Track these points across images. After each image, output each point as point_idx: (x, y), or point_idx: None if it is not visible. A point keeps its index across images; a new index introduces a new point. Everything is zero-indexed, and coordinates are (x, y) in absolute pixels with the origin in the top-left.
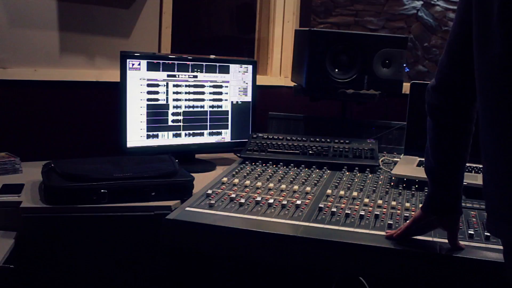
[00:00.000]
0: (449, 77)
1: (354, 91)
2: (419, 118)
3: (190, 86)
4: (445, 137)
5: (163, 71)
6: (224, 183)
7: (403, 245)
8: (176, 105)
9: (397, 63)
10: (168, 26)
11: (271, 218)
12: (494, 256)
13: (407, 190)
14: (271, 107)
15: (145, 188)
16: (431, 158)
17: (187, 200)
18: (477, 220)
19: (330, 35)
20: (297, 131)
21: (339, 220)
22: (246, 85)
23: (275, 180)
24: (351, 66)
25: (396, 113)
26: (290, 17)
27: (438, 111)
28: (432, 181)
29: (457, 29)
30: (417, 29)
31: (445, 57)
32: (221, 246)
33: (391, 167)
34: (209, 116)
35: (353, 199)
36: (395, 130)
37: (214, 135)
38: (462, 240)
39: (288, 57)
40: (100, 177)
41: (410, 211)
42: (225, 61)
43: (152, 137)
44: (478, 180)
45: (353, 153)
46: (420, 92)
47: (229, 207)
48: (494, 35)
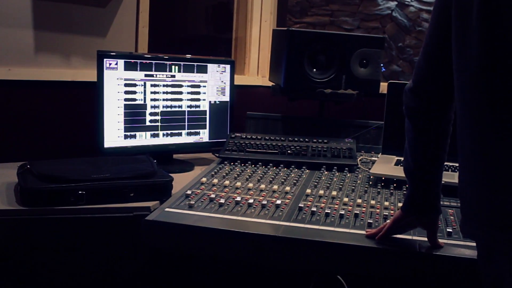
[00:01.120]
0: (426, 79)
1: (332, 90)
2: (397, 117)
3: (168, 85)
4: (423, 138)
5: (141, 71)
6: (203, 183)
7: (383, 244)
8: (153, 105)
9: (374, 63)
10: (145, 25)
11: (252, 218)
12: (472, 254)
13: (385, 189)
14: (249, 106)
15: (123, 189)
16: (409, 159)
17: (166, 201)
18: (454, 218)
19: (308, 35)
20: (275, 131)
21: (319, 219)
22: (224, 84)
23: (254, 180)
24: (329, 66)
25: (374, 113)
26: (268, 17)
27: (416, 113)
28: (411, 181)
29: (433, 30)
30: (392, 29)
31: (422, 58)
32: (201, 247)
33: (369, 166)
34: (187, 116)
35: (333, 198)
36: (373, 129)
37: (192, 135)
38: (440, 238)
39: (265, 56)
40: (77, 178)
41: (389, 210)
42: (203, 61)
43: (130, 137)
44: (455, 178)
45: (331, 152)
46: (397, 91)
47: (209, 207)
48: (473, 36)
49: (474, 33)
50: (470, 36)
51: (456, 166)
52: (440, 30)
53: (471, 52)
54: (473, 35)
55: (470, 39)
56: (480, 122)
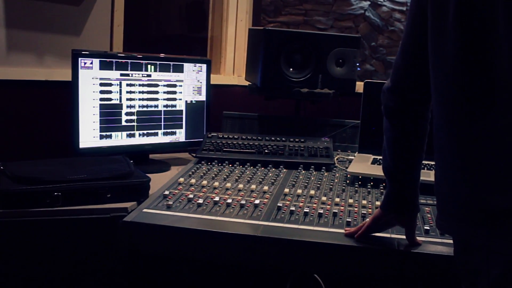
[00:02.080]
0: (404, 78)
1: (308, 90)
2: (373, 116)
3: (144, 85)
4: (401, 137)
5: (116, 70)
6: (181, 183)
7: (362, 242)
8: (129, 104)
9: (350, 62)
10: (120, 24)
11: (230, 218)
12: (449, 250)
13: (363, 187)
14: (225, 106)
15: (100, 190)
16: (388, 158)
17: (144, 202)
18: (431, 216)
19: (284, 34)
20: (251, 130)
21: (298, 218)
22: (200, 84)
23: (232, 180)
24: (306, 65)
25: (350, 112)
26: (243, 16)
27: (394, 112)
28: (390, 180)
29: (410, 30)
30: (365, 29)
31: (399, 58)
32: (180, 248)
33: (346, 165)
34: (163, 115)
35: (311, 197)
36: (349, 128)
37: (169, 135)
38: (418, 235)
39: (241, 56)
40: (53, 180)
41: (367, 208)
42: (179, 60)
43: (106, 138)
44: (431, 176)
45: (308, 151)
46: (373, 91)
47: (187, 207)
48: (449, 35)
49: (450, 32)
50: (447, 35)
51: (432, 164)
52: (416, 30)
53: (448, 51)
54: (449, 34)
55: (446, 38)
56: (457, 120)
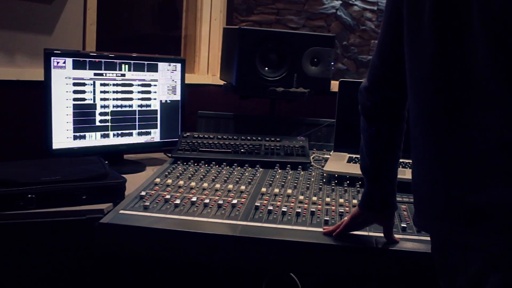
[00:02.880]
0: (381, 78)
1: (284, 89)
2: (348, 115)
3: (118, 85)
4: (379, 136)
5: (90, 70)
6: (157, 184)
7: (341, 240)
8: (103, 104)
9: (325, 62)
10: (93, 22)
11: (208, 219)
12: (426, 247)
13: (339, 186)
14: (200, 105)
15: (75, 192)
16: (366, 157)
17: (120, 203)
18: (408, 213)
19: (259, 33)
20: (226, 130)
21: (276, 218)
22: (175, 83)
23: (209, 180)
24: (281, 64)
25: (324, 111)
26: (217, 15)
27: (371, 111)
28: (368, 179)
29: (386, 29)
30: (336, 28)
31: (376, 58)
32: (158, 249)
33: (322, 164)
34: (138, 115)
35: (288, 196)
36: (324, 127)
37: (143, 135)
38: (395, 233)
39: (215, 55)
40: (26, 182)
41: (344, 207)
42: (153, 60)
43: (79, 138)
44: (406, 174)
45: (284, 150)
46: (348, 89)
47: (165, 208)
48: (425, 34)
49: (426, 31)
50: (423, 34)
51: (407, 162)
52: (392, 29)
53: (424, 50)
54: (425, 33)
55: (422, 38)
56: (433, 119)
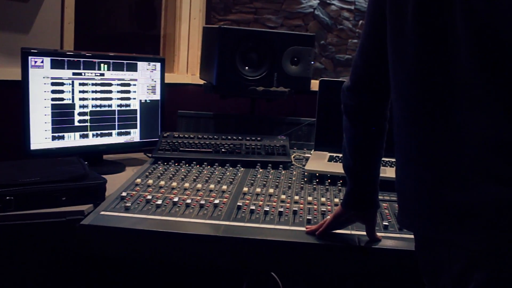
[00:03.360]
0: (363, 78)
1: (264, 88)
2: (328, 114)
3: (97, 84)
4: (361, 136)
5: (68, 69)
6: (138, 184)
7: (324, 239)
8: (82, 104)
9: (305, 61)
10: (71, 21)
11: (191, 219)
12: (408, 245)
13: (320, 185)
14: (179, 105)
15: (55, 193)
16: (348, 156)
17: (101, 204)
18: (389, 212)
19: (239, 32)
20: (207, 129)
21: (259, 217)
22: (155, 83)
23: (190, 180)
24: (261, 63)
25: (304, 110)
26: (197, 14)
27: (354, 111)
28: (350, 178)
29: (369, 29)
30: (314, 27)
31: (358, 57)
32: (140, 250)
33: (303, 163)
34: (117, 115)
35: (270, 196)
36: (304, 126)
37: (123, 135)
38: (378, 231)
39: (194, 54)
40: (4, 183)
41: (326, 206)
42: (132, 59)
43: (58, 139)
44: (387, 173)
45: (265, 150)
46: (328, 89)
47: (146, 209)
48: (408, 35)
49: (409, 32)
50: (406, 35)
51: (387, 161)
52: (375, 30)
53: (407, 51)
54: (408, 34)
55: (405, 38)
56: (417, 118)
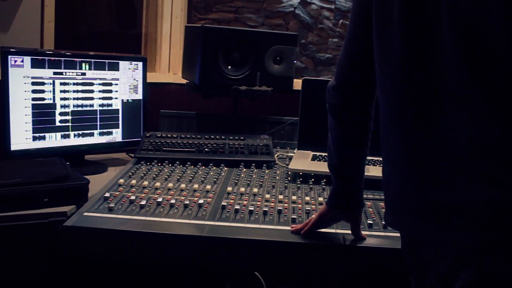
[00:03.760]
0: (348, 77)
1: (247, 87)
2: (311, 113)
3: (78, 84)
4: (346, 135)
5: (49, 69)
6: (121, 184)
7: (309, 238)
8: (63, 104)
9: (288, 60)
10: (51, 20)
11: (175, 219)
12: (393, 243)
13: (304, 184)
14: (162, 104)
15: (37, 194)
16: (334, 156)
17: (83, 205)
18: (373, 210)
19: (222, 31)
20: (190, 129)
21: (244, 217)
22: (137, 82)
23: (174, 180)
24: (244, 62)
25: (287, 109)
26: (179, 13)
27: (339, 110)
28: (335, 177)
29: (354, 29)
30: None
31: (343, 57)
32: (124, 251)
33: (287, 162)
34: (99, 115)
35: (254, 195)
36: (287, 125)
37: (105, 135)
38: (362, 229)
39: (176, 53)
40: None
41: (310, 205)
42: (114, 58)
43: (39, 139)
44: (370, 171)
45: (248, 149)
46: (311, 88)
47: (130, 209)
48: (394, 34)
49: (395, 31)
50: (392, 34)
51: (370, 159)
52: (360, 29)
53: (393, 50)
54: (394, 33)
55: (391, 38)
56: (403, 117)
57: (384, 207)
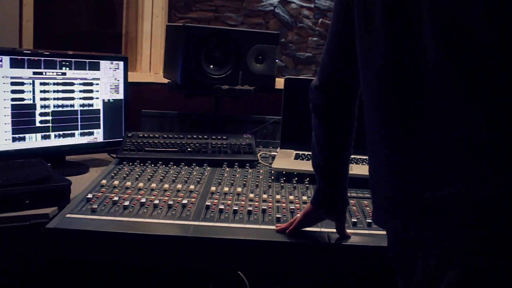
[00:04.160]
0: (331, 77)
1: (229, 87)
2: (294, 112)
3: (59, 84)
4: (330, 134)
5: (29, 68)
6: (104, 185)
7: (294, 237)
8: (44, 104)
9: (270, 59)
10: (30, 19)
11: (159, 220)
12: (377, 241)
13: (288, 183)
14: (143, 104)
15: (18, 196)
16: (318, 155)
17: (66, 207)
18: (357, 208)
19: (204, 31)
20: (172, 129)
21: (228, 217)
22: (118, 82)
23: (157, 180)
24: (226, 62)
25: (269, 108)
26: (159, 12)
27: (323, 110)
28: (320, 176)
29: (336, 29)
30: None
31: (326, 56)
32: (108, 253)
33: (270, 161)
34: (80, 115)
35: (238, 195)
36: (269, 124)
37: (86, 135)
38: (347, 228)
39: (157, 53)
40: None
41: (294, 204)
42: (95, 58)
43: (19, 140)
44: (353, 170)
45: (231, 148)
46: (293, 87)
47: (113, 211)
48: (377, 34)
49: (377, 32)
50: (374, 35)
51: (353, 157)
52: (342, 29)
53: (376, 50)
54: (377, 34)
55: (374, 38)
56: (388, 117)
57: (368, 205)
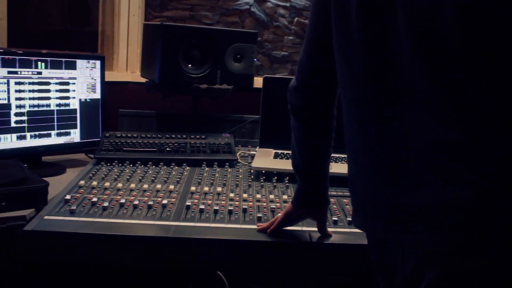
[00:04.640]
0: (309, 77)
1: (207, 86)
2: (273, 111)
3: (34, 83)
4: (309, 135)
5: (3, 67)
6: (82, 186)
7: (276, 237)
8: (19, 104)
9: (248, 58)
10: (3, 17)
11: (139, 220)
12: (358, 239)
13: (267, 182)
14: (120, 104)
15: None
16: (297, 155)
17: (43, 208)
18: (338, 207)
19: (182, 29)
20: (149, 128)
21: (209, 217)
22: (95, 81)
23: (136, 180)
24: (204, 61)
25: (248, 107)
26: (136, 11)
27: (301, 111)
28: (300, 176)
29: (314, 30)
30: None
31: (303, 57)
32: (88, 254)
33: (249, 160)
34: (56, 115)
35: (218, 194)
36: (248, 123)
37: (63, 136)
38: (328, 226)
39: (134, 51)
40: None
41: (275, 203)
42: (71, 57)
43: None
44: (333, 168)
45: (210, 148)
46: (272, 86)
47: (92, 212)
48: (353, 35)
49: (354, 32)
50: (351, 35)
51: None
52: (319, 30)
53: (353, 50)
54: (353, 34)
55: (350, 39)
56: (365, 118)
57: (348, 204)
